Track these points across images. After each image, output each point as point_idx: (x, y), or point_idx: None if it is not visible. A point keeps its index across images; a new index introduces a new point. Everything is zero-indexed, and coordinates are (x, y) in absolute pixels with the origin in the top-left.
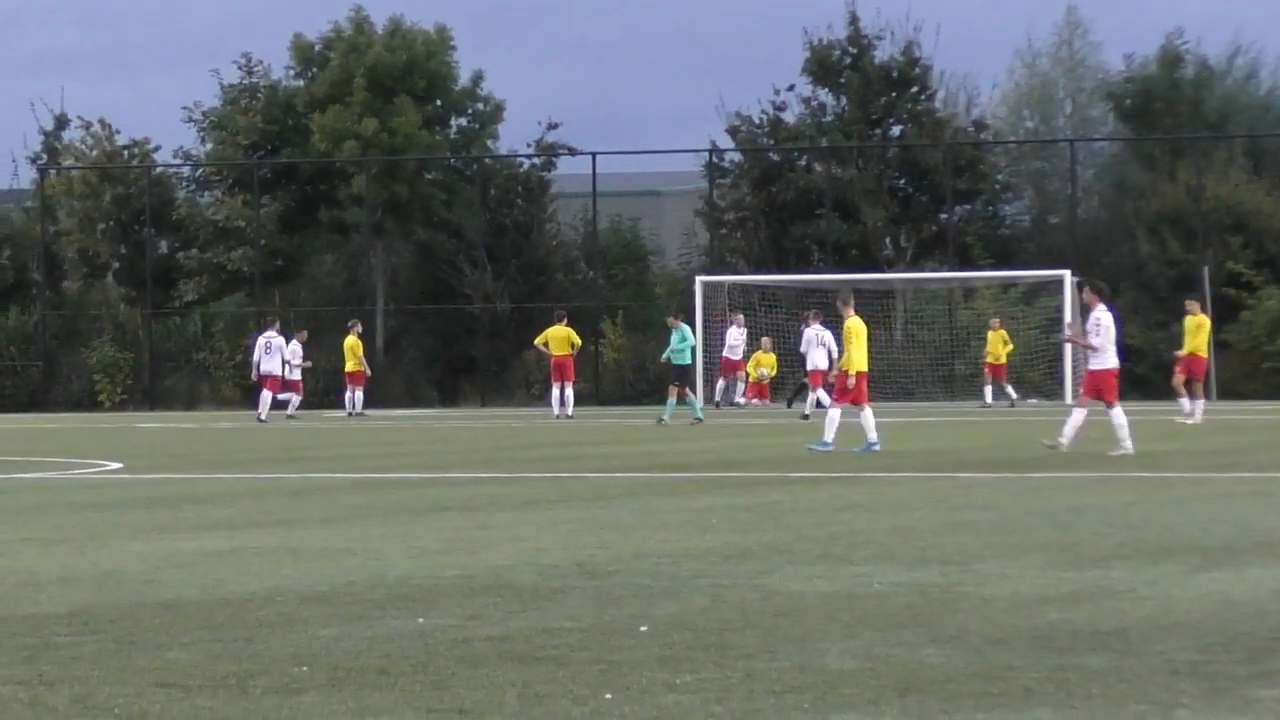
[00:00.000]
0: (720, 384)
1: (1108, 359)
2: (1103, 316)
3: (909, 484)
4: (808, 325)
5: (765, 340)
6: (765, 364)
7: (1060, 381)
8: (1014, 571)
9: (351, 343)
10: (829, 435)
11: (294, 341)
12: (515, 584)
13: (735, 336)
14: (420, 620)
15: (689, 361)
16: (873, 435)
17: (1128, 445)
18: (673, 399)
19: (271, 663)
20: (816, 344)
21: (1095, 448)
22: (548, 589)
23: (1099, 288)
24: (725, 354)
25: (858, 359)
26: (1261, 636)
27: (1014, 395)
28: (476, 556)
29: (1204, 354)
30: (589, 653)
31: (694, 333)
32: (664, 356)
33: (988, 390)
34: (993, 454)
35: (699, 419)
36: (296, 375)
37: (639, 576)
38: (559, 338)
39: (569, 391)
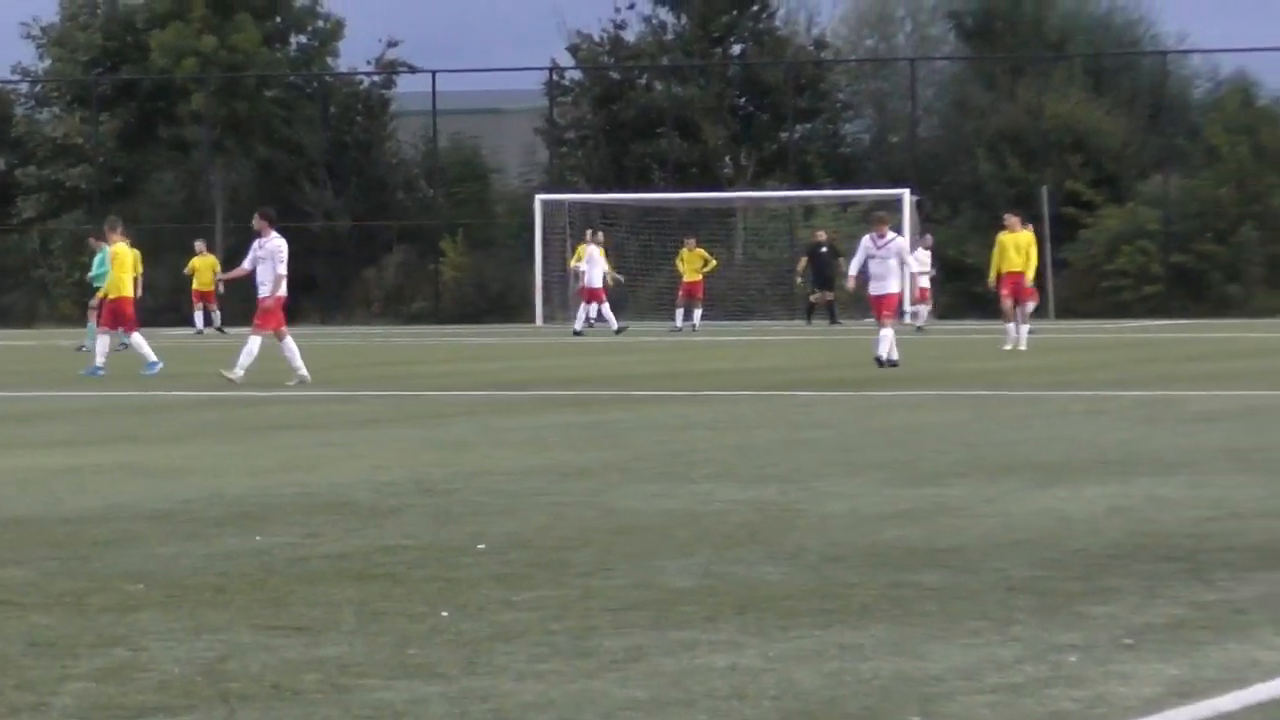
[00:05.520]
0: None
1: (279, 288)
2: (275, 242)
3: (749, 402)
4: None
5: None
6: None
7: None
8: (852, 489)
9: (210, 261)
10: (149, 355)
11: (592, 245)
12: (354, 502)
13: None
14: (258, 538)
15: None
16: (152, 356)
17: (303, 372)
18: (92, 324)
19: (108, 580)
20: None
21: (933, 365)
22: (386, 507)
23: (268, 214)
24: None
25: (123, 284)
26: (1096, 554)
27: (695, 322)
28: (315, 474)
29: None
30: (427, 570)
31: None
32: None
33: (679, 314)
34: (832, 372)
35: (84, 347)
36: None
37: (477, 494)
38: None
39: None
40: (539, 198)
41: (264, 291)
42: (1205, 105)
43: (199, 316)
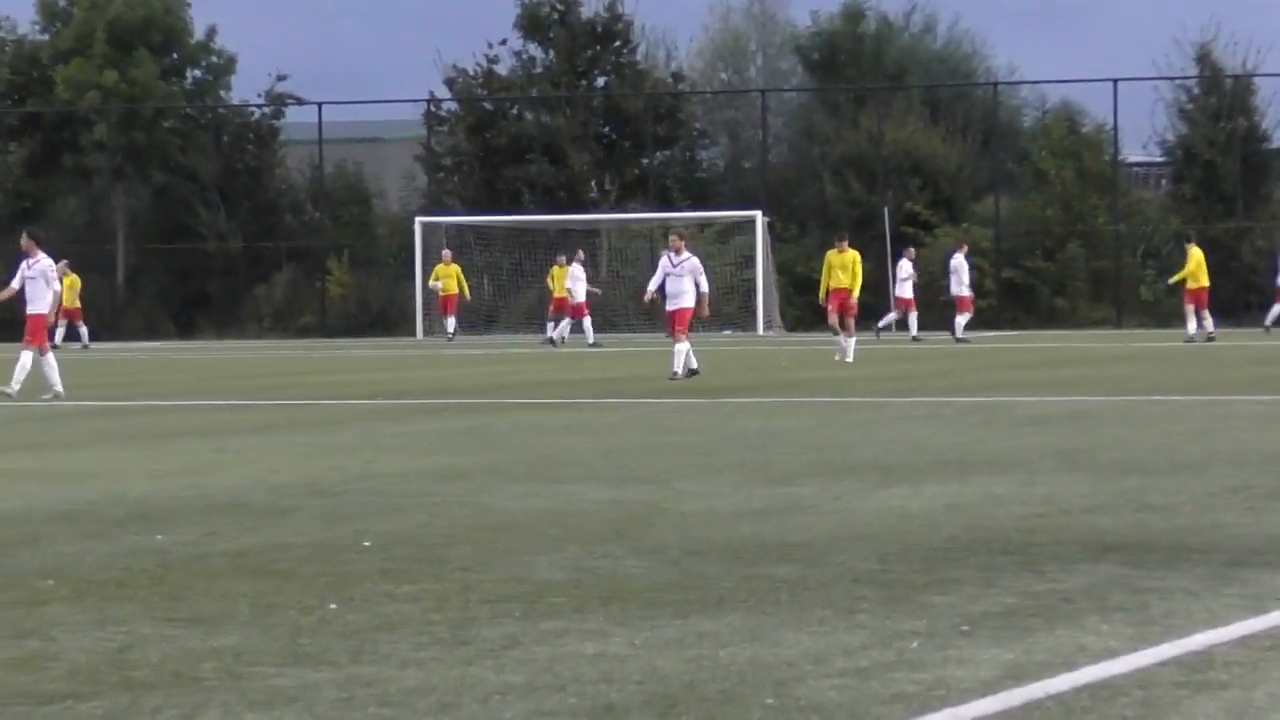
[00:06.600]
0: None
1: (40, 304)
2: (45, 262)
3: (616, 409)
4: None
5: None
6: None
7: (753, 314)
8: (710, 489)
9: (70, 280)
10: None
11: (574, 264)
12: (249, 503)
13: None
14: (159, 537)
15: None
16: None
17: (14, 387)
18: None
19: (18, 578)
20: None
21: (786, 374)
22: (280, 507)
23: (36, 235)
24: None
25: None
26: (935, 547)
27: (560, 335)
28: (213, 478)
29: (853, 288)
30: (316, 566)
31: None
32: None
33: (550, 325)
34: (692, 381)
35: None
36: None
37: (363, 495)
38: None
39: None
40: (418, 220)
41: (41, 308)
42: (1033, 132)
43: (83, 331)
